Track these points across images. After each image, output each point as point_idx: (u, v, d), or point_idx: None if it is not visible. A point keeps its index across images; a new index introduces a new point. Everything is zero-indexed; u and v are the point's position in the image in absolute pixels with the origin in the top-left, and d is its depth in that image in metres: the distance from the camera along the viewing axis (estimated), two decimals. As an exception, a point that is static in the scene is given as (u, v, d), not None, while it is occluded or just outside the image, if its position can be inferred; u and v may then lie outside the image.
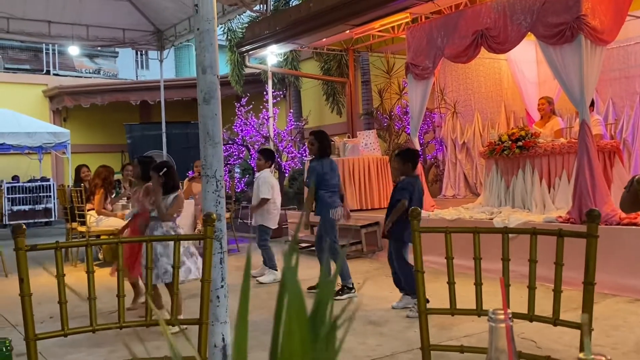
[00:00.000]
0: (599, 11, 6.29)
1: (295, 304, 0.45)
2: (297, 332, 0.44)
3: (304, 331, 0.44)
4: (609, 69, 8.43)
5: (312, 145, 6.07)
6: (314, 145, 6.05)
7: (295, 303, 0.45)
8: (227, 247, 2.51)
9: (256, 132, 12.60)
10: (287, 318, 0.44)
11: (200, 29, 2.24)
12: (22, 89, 17.71)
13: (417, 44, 8.52)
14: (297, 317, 0.44)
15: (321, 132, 6.30)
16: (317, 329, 0.45)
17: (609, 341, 4.19)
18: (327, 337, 0.45)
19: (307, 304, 0.46)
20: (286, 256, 0.47)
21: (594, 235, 1.58)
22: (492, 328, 0.82)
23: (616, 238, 5.66)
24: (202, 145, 2.27)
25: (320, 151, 6.03)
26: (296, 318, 0.44)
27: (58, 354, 4.28)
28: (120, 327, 1.80)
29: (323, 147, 6.06)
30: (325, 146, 6.10)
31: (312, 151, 6.11)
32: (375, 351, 4.29)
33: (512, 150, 7.24)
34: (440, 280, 1.92)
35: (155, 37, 11.63)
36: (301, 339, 0.44)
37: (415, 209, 1.89)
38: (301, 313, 0.44)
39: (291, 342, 0.44)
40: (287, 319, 0.44)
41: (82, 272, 1.79)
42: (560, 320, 1.66)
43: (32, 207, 15.53)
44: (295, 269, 0.47)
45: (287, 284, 0.45)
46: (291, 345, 0.43)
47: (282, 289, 0.46)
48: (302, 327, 0.44)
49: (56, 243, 1.73)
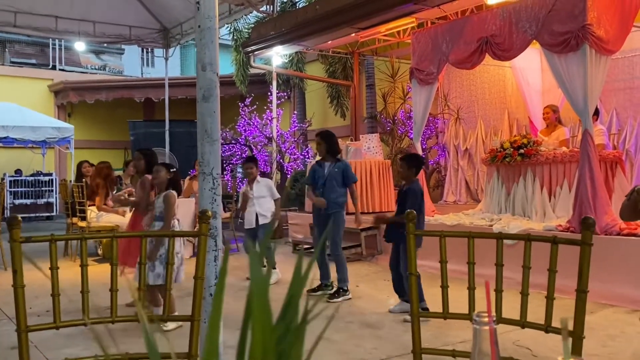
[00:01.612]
0: (605, 21, 6.28)
1: (261, 311, 0.45)
2: (260, 334, 0.44)
3: (267, 339, 0.44)
4: (614, 79, 8.41)
5: (320, 145, 6.11)
6: (321, 145, 6.09)
7: (260, 310, 0.45)
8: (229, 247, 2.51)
9: (259, 132, 12.61)
10: (252, 326, 0.44)
11: (201, 26, 2.24)
12: (28, 83, 17.76)
13: (422, 49, 8.52)
14: (261, 324, 0.44)
15: (328, 131, 6.33)
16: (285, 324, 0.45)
17: (605, 351, 4.18)
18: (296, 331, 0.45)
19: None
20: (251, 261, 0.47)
21: (588, 243, 1.57)
22: (476, 331, 0.82)
23: (616, 248, 5.65)
24: (199, 142, 2.27)
25: (331, 150, 6.07)
26: (260, 326, 0.44)
27: (53, 348, 4.29)
28: (113, 322, 1.80)
29: (332, 145, 6.11)
30: (334, 144, 6.14)
31: (321, 151, 6.12)
32: (371, 354, 4.29)
33: (513, 158, 7.23)
34: (437, 286, 1.92)
35: (161, 35, 11.65)
36: (263, 347, 0.44)
37: (411, 212, 1.89)
38: (266, 321, 0.44)
39: (254, 344, 0.44)
40: (252, 327, 0.44)
41: (79, 267, 1.79)
42: (552, 327, 1.66)
43: (33, 201, 15.56)
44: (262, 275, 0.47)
45: (254, 291, 0.45)
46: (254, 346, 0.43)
47: (249, 296, 0.46)
48: (265, 335, 0.44)
49: (51, 236, 1.74)
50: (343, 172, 6.03)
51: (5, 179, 14.94)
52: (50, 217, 15.73)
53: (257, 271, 0.46)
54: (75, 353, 4.22)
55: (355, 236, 8.27)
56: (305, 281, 0.49)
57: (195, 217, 8.52)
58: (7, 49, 20.53)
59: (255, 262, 0.47)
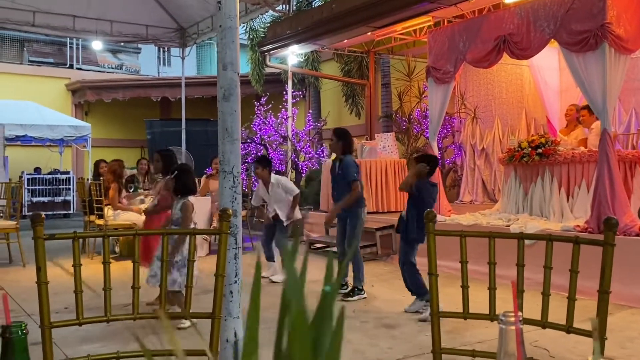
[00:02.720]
0: (624, 19, 6.22)
1: (297, 311, 0.45)
2: (299, 340, 0.44)
3: (305, 339, 0.44)
4: (633, 79, 8.32)
5: (333, 141, 6.06)
6: (335, 142, 6.04)
7: (297, 310, 0.45)
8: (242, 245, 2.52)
9: (275, 131, 12.64)
10: (289, 327, 0.44)
11: (223, 26, 2.25)
12: (46, 82, 17.94)
13: (438, 47, 8.49)
14: (299, 324, 0.44)
15: (343, 129, 6.31)
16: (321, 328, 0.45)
17: (623, 353, 4.14)
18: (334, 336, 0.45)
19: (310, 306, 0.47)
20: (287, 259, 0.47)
21: (610, 244, 1.56)
22: (502, 330, 0.82)
23: (635, 249, 5.59)
24: (220, 141, 2.28)
25: (345, 148, 6.02)
26: (298, 326, 0.44)
27: (73, 345, 4.33)
28: (134, 319, 1.82)
29: (346, 143, 6.06)
30: (349, 142, 6.09)
31: (335, 148, 6.09)
32: (386, 354, 4.28)
33: (531, 157, 7.18)
34: (455, 285, 1.92)
35: (177, 35, 11.72)
36: (301, 347, 0.44)
37: (431, 211, 1.88)
38: (302, 321, 0.44)
39: (292, 349, 0.44)
40: (289, 328, 0.44)
41: (97, 265, 1.81)
42: (574, 327, 1.65)
43: (51, 199, 15.71)
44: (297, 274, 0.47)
45: (289, 291, 0.45)
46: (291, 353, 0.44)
47: (284, 296, 0.46)
48: (303, 335, 0.44)
49: (74, 233, 1.76)
50: (343, 170, 5.98)
51: (24, 177, 15.11)
52: (68, 215, 15.88)
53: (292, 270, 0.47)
54: (94, 350, 4.26)
55: (370, 235, 8.26)
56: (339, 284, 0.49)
57: (211, 215, 8.56)
58: (26, 48, 20.76)
59: (290, 261, 0.47)
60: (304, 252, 0.50)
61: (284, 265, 0.48)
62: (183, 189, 5.12)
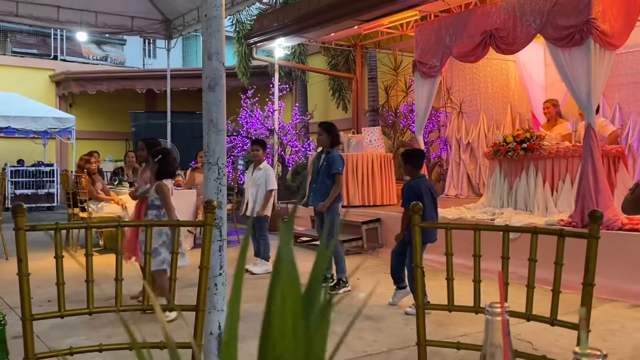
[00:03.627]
0: (609, 15, 6.26)
1: (290, 279, 0.44)
2: (290, 308, 0.43)
3: (297, 307, 0.43)
4: (617, 74, 8.39)
5: (321, 136, 6.08)
6: (323, 136, 6.06)
7: (289, 279, 0.44)
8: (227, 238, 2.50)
9: (261, 124, 12.60)
10: (280, 294, 0.44)
11: (208, 15, 2.23)
12: (29, 73, 17.73)
13: (425, 42, 8.49)
14: (291, 293, 0.44)
15: (330, 123, 6.32)
16: (310, 306, 0.45)
17: (605, 345, 4.19)
18: (321, 314, 0.44)
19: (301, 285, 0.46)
20: (282, 232, 0.47)
21: (595, 236, 1.57)
22: (488, 321, 0.81)
23: (617, 243, 5.64)
24: (205, 132, 2.26)
25: (332, 142, 6.05)
26: (290, 294, 0.44)
27: (56, 338, 4.30)
28: (117, 311, 1.80)
29: (334, 137, 6.09)
30: (336, 136, 6.12)
31: (322, 142, 6.10)
32: (372, 347, 4.29)
33: (516, 152, 7.22)
34: (440, 279, 1.92)
35: (163, 26, 11.61)
36: (294, 315, 0.43)
37: (416, 204, 1.88)
38: (295, 289, 0.44)
39: (283, 317, 0.43)
40: (281, 296, 0.44)
41: (81, 257, 1.79)
42: (558, 320, 1.66)
43: (35, 192, 15.56)
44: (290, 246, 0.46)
45: (282, 260, 0.44)
46: (283, 321, 0.43)
47: (276, 265, 0.45)
48: (295, 303, 0.43)
49: (56, 224, 1.73)
50: (328, 162, 6.00)
51: (7, 169, 14.94)
52: (51, 208, 15.74)
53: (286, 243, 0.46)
54: (77, 342, 4.23)
55: (356, 229, 8.27)
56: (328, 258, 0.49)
57: (196, 208, 8.53)
58: (9, 38, 20.48)
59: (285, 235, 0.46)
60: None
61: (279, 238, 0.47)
62: (161, 172, 5.13)
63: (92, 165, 8.48)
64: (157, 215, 5.10)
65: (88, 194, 8.17)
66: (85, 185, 8.12)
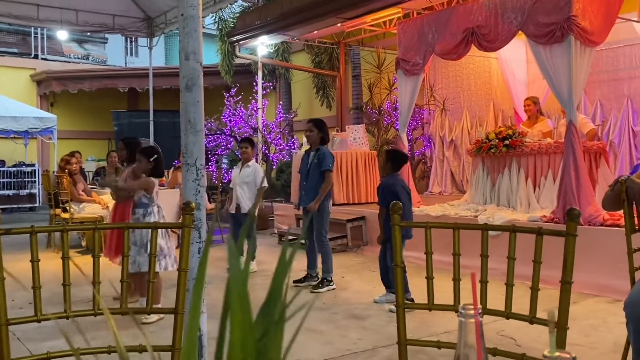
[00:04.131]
0: (590, 12, 6.31)
1: (238, 295, 0.43)
2: (239, 322, 0.42)
3: (245, 319, 0.42)
4: (598, 71, 8.46)
5: (312, 132, 6.06)
6: (313, 132, 6.04)
7: (238, 295, 0.43)
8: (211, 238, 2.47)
9: (245, 123, 12.55)
10: (231, 310, 0.43)
11: (185, 14, 2.21)
12: (9, 72, 17.51)
13: (408, 39, 8.51)
14: (240, 309, 0.43)
15: (320, 120, 6.31)
16: (267, 319, 0.44)
17: (587, 341, 4.22)
18: (275, 324, 0.44)
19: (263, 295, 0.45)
20: (232, 253, 0.46)
21: (572, 234, 1.57)
22: (462, 323, 0.81)
23: (599, 239, 5.69)
24: (183, 132, 2.24)
25: (322, 139, 6.06)
26: (239, 310, 0.43)
27: (36, 340, 4.25)
28: (95, 315, 1.78)
29: (324, 134, 6.09)
30: (326, 133, 6.13)
31: (312, 138, 6.08)
32: (356, 344, 4.30)
33: (498, 149, 7.26)
34: (422, 276, 1.92)
35: (145, 24, 11.52)
36: (242, 328, 0.42)
37: (396, 204, 1.87)
38: (244, 304, 0.43)
39: (233, 331, 0.42)
40: (231, 311, 0.43)
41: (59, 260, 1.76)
42: (537, 318, 1.66)
43: (16, 192, 15.39)
44: (239, 260, 0.46)
45: (232, 278, 0.44)
46: (232, 335, 0.42)
47: (227, 287, 0.44)
48: (244, 316, 0.43)
49: (31, 228, 1.71)
50: (319, 159, 6.00)
51: (-13, 169, 14.77)
52: (33, 209, 15.57)
53: (236, 265, 0.45)
54: (58, 345, 4.17)
55: (341, 227, 8.27)
56: (287, 270, 0.48)
57: (179, 208, 8.48)
58: (-12, 37, 20.21)
59: (234, 256, 0.45)
60: (250, 245, 0.48)
61: (228, 259, 0.47)
62: (155, 171, 5.22)
63: (73, 166, 8.40)
64: (143, 214, 5.07)
65: (69, 194, 8.09)
66: (66, 185, 8.04)
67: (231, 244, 0.47)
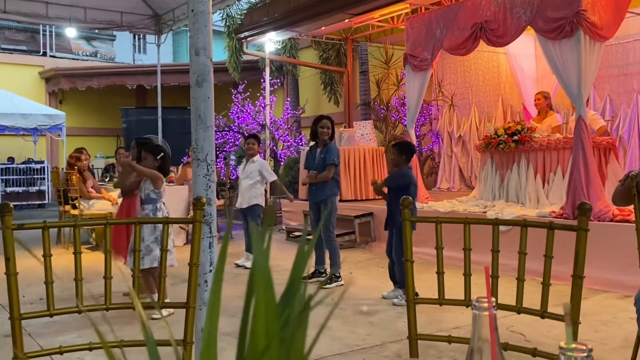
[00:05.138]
0: (599, 7, 6.27)
1: (263, 285, 0.43)
2: (263, 311, 0.43)
3: (269, 310, 0.43)
4: (607, 66, 8.42)
5: (328, 129, 6.09)
6: (326, 128, 6.07)
7: (262, 285, 0.44)
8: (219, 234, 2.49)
9: (252, 119, 12.56)
10: (255, 299, 0.43)
11: (195, 10, 2.21)
12: (18, 70, 17.60)
13: (416, 35, 8.49)
14: (264, 297, 0.43)
15: (330, 118, 6.35)
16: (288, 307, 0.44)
17: (597, 336, 4.21)
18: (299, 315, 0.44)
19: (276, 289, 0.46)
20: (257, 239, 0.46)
21: (584, 229, 1.57)
22: (476, 316, 0.81)
23: (608, 234, 5.67)
24: (193, 128, 2.24)
25: (332, 136, 6.09)
26: (263, 299, 0.43)
27: (47, 335, 4.28)
28: (107, 309, 1.79)
29: (334, 132, 6.17)
30: (334, 131, 6.17)
31: (325, 135, 6.12)
32: (364, 340, 4.30)
33: (507, 145, 7.23)
34: (432, 272, 1.92)
35: (153, 21, 11.53)
36: (266, 317, 0.43)
37: (407, 198, 1.88)
38: (268, 294, 0.43)
39: (256, 321, 0.43)
40: (255, 300, 0.43)
41: (73, 255, 1.78)
42: (548, 312, 1.66)
43: (25, 189, 15.47)
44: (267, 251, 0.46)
45: (257, 267, 0.44)
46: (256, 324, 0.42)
47: (252, 273, 0.45)
48: (268, 306, 0.43)
49: (44, 223, 1.72)
50: (326, 154, 6.02)
51: (-3, 166, 14.86)
52: (42, 205, 15.66)
53: (261, 252, 0.45)
54: (69, 340, 4.22)
55: (349, 223, 8.28)
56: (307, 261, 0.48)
57: (188, 204, 8.51)
58: (-3, 35, 20.32)
59: (259, 243, 0.46)
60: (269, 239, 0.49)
61: (254, 252, 0.47)
62: (162, 169, 5.23)
63: (83, 162, 8.44)
64: (153, 209, 5.08)
65: (79, 191, 8.13)
66: (76, 182, 8.08)
67: (256, 233, 0.47)
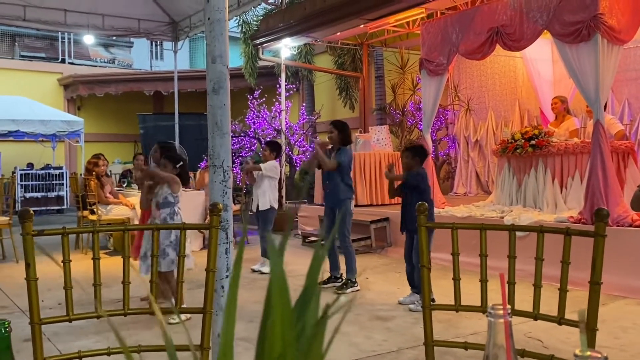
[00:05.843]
0: (617, 10, 6.22)
1: (279, 292, 0.44)
2: (279, 318, 0.43)
3: (285, 316, 0.43)
4: (625, 69, 8.33)
5: (332, 133, 6.07)
6: (334, 133, 6.06)
7: (279, 292, 0.44)
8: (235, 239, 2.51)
9: (268, 125, 12.60)
10: (272, 307, 0.44)
11: (211, 18, 2.24)
12: (37, 77, 17.83)
13: (431, 39, 8.47)
14: (280, 304, 0.44)
15: (342, 121, 6.33)
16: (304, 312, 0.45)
17: (617, 343, 4.16)
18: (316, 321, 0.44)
19: (292, 294, 0.46)
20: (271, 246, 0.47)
21: (601, 235, 1.56)
22: (491, 323, 0.81)
23: (628, 240, 5.61)
24: (210, 135, 2.26)
25: (343, 140, 6.05)
26: (279, 305, 0.44)
27: (66, 340, 4.32)
28: (125, 314, 1.81)
29: (345, 136, 6.09)
30: (347, 135, 6.12)
31: (333, 139, 6.10)
32: (381, 346, 4.29)
33: (524, 149, 7.19)
34: (448, 278, 1.91)
35: (170, 28, 11.65)
36: (282, 324, 0.43)
37: (422, 204, 1.87)
38: (284, 301, 0.44)
39: (274, 327, 0.43)
40: (272, 308, 0.44)
41: (91, 260, 1.80)
42: (566, 319, 1.65)
43: (44, 195, 15.64)
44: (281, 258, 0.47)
45: (273, 274, 0.44)
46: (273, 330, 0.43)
47: (270, 280, 0.45)
48: (284, 313, 0.43)
49: (63, 229, 1.74)
50: (337, 156, 6.01)
51: (16, 172, 15.04)
52: (61, 211, 15.82)
53: (277, 262, 0.46)
54: (87, 345, 4.26)
55: (365, 228, 8.27)
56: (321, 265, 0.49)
57: (205, 209, 8.55)
58: (17, 42, 20.62)
59: (275, 254, 0.46)
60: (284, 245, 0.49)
61: (270, 261, 0.48)
62: (181, 178, 5.26)
63: (101, 168, 8.52)
64: (170, 213, 5.11)
65: (97, 197, 8.21)
66: (94, 188, 8.16)
67: (273, 243, 0.48)
